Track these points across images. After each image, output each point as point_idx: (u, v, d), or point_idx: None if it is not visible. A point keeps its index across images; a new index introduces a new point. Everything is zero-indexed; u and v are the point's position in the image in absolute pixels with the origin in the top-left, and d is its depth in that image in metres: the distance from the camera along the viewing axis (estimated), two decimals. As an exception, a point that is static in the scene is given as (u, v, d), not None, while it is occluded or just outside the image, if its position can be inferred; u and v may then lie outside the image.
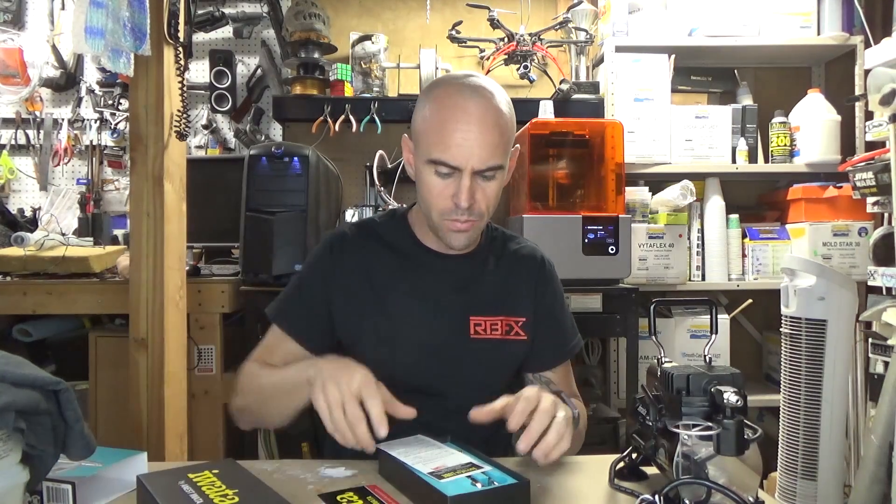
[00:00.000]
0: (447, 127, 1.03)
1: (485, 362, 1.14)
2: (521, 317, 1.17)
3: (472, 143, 1.03)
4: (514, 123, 1.10)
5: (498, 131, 1.05)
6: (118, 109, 2.63)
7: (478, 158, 1.03)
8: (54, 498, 0.80)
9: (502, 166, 1.08)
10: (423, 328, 1.13)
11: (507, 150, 1.08)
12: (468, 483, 0.80)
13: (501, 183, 1.10)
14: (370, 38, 2.58)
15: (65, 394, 0.73)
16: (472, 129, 1.03)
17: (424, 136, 1.06)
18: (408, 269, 1.16)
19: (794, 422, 1.76)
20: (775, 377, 2.41)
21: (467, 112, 1.03)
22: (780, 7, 2.45)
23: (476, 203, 1.06)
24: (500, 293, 1.17)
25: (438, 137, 1.04)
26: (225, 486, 0.79)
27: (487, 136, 1.03)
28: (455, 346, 1.13)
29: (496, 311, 1.15)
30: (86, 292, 2.01)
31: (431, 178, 1.06)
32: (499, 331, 1.15)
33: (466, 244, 1.12)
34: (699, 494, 0.76)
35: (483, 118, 1.03)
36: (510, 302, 1.17)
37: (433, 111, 1.06)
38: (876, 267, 1.91)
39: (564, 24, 2.53)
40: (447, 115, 1.04)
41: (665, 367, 0.86)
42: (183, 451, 1.74)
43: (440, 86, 1.09)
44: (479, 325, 1.14)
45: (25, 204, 2.65)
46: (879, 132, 1.93)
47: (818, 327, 1.73)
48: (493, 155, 1.04)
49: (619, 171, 2.14)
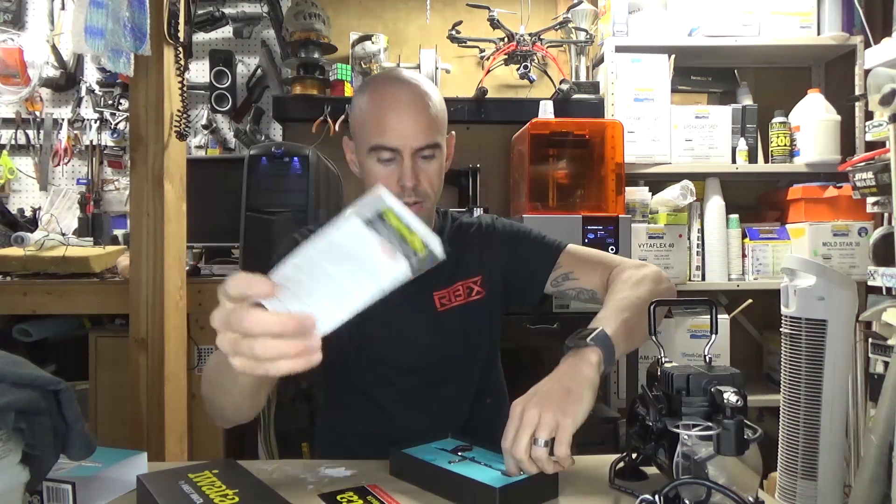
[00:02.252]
0: (382, 114, 1.10)
1: (457, 328, 1.19)
2: (476, 276, 1.23)
3: (407, 125, 1.09)
4: (445, 108, 1.16)
5: (428, 112, 1.11)
6: (118, 109, 2.63)
7: (414, 138, 1.09)
8: (54, 498, 0.80)
9: (439, 144, 1.13)
10: (394, 313, 1.15)
11: (440, 131, 1.14)
12: (499, 474, 0.84)
13: (441, 164, 1.16)
14: (370, 38, 2.58)
15: (65, 394, 0.73)
16: (406, 112, 1.09)
17: (362, 127, 1.12)
18: None
19: (794, 422, 1.76)
20: (775, 377, 2.41)
21: (398, 98, 1.10)
22: (780, 7, 2.45)
23: (420, 184, 1.11)
24: (452, 263, 1.22)
25: (375, 124, 1.10)
26: (225, 487, 0.79)
27: (420, 117, 1.10)
28: (427, 323, 1.18)
29: (453, 278, 1.21)
30: (86, 292, 2.01)
31: (375, 167, 1.12)
32: (461, 296, 1.21)
33: None
34: (699, 494, 0.76)
35: (414, 102, 1.10)
36: (462, 267, 1.23)
37: (367, 104, 1.12)
38: (876, 267, 1.91)
39: (564, 24, 2.53)
40: (380, 103, 1.10)
41: (665, 367, 0.86)
42: (183, 451, 1.74)
43: (370, 82, 1.16)
44: (444, 297, 1.20)
45: (25, 204, 2.65)
46: (879, 132, 1.93)
47: (818, 327, 1.73)
48: (427, 134, 1.10)
49: (619, 171, 2.15)
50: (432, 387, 1.18)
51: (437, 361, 1.19)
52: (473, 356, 1.22)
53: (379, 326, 1.16)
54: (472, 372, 1.21)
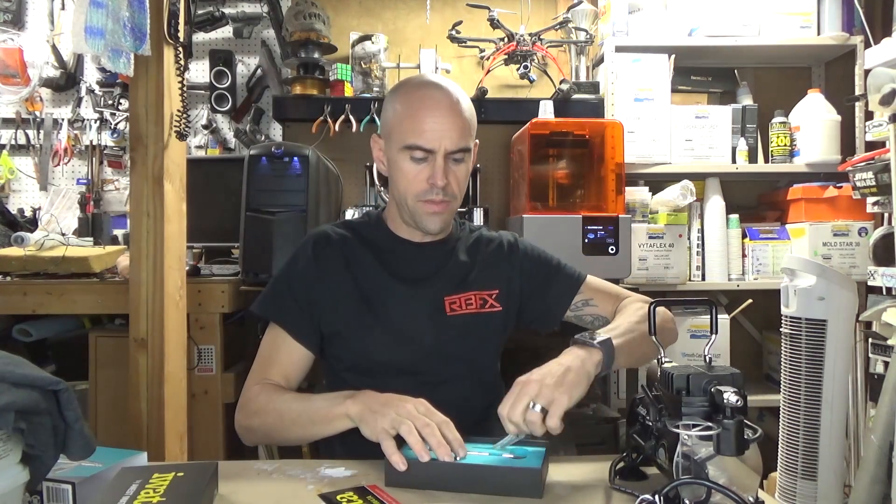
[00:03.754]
0: (419, 116, 1.14)
1: (464, 335, 1.21)
2: (494, 289, 1.25)
3: (444, 128, 1.14)
4: (475, 115, 1.21)
5: (463, 117, 1.17)
6: (118, 109, 2.63)
7: (449, 140, 1.14)
8: (54, 498, 0.80)
9: (469, 149, 1.19)
10: (403, 313, 1.20)
11: (471, 136, 1.19)
12: (512, 459, 0.92)
13: (469, 168, 1.21)
14: (370, 38, 2.58)
15: (65, 394, 0.73)
16: (443, 116, 1.14)
17: (398, 127, 1.16)
18: (385, 260, 1.24)
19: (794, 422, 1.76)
20: (775, 377, 2.41)
21: (436, 101, 1.15)
22: (780, 7, 2.45)
23: (449, 184, 1.16)
24: (470, 272, 1.25)
25: (412, 125, 1.14)
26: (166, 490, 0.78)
27: (455, 122, 1.15)
28: (434, 326, 1.20)
29: (468, 287, 1.24)
30: (86, 292, 2.01)
31: (406, 165, 1.16)
32: (473, 305, 1.23)
33: (441, 227, 1.21)
34: (699, 494, 0.76)
35: (450, 106, 1.15)
36: (480, 278, 1.25)
37: (403, 105, 1.17)
38: (876, 267, 1.91)
39: (564, 24, 2.53)
40: (418, 105, 1.15)
41: (665, 367, 0.86)
42: (183, 451, 1.74)
43: (405, 85, 1.21)
44: (455, 303, 1.22)
45: (25, 204, 2.65)
46: (879, 132, 1.93)
47: (818, 327, 1.72)
48: (462, 137, 1.16)
49: (619, 171, 2.15)
50: (429, 389, 1.16)
51: (438, 365, 1.20)
52: (475, 364, 1.23)
53: (385, 323, 1.19)
54: (471, 378, 1.22)
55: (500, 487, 0.86)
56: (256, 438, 1.21)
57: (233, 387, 2.09)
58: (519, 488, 0.86)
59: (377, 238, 1.27)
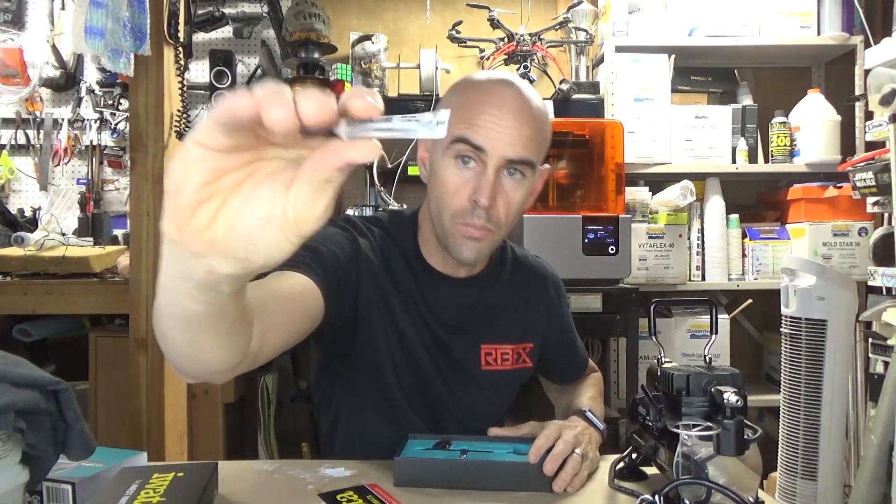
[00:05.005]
0: (477, 107, 0.92)
1: (493, 393, 1.11)
2: (530, 342, 1.13)
3: (504, 129, 0.91)
4: (550, 135, 0.99)
5: (533, 124, 0.93)
6: (118, 109, 2.63)
7: (509, 145, 0.91)
8: (54, 498, 0.80)
9: (533, 165, 0.95)
10: (434, 357, 1.06)
11: (539, 151, 0.96)
12: (517, 455, 0.92)
13: (527, 194, 0.97)
14: (370, 38, 2.58)
15: (65, 394, 0.73)
16: (506, 114, 0.91)
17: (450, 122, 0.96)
18: (416, 290, 1.04)
19: (794, 422, 1.76)
20: (775, 377, 2.41)
21: (503, 98, 0.92)
22: (780, 7, 2.45)
23: (495, 207, 0.93)
24: (512, 317, 1.11)
25: (467, 115, 0.92)
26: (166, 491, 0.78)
27: (523, 126, 0.92)
28: (465, 377, 1.08)
29: (508, 338, 1.10)
30: (86, 292, 2.01)
31: (449, 167, 0.94)
32: (509, 360, 1.11)
33: (475, 258, 1.00)
34: (699, 494, 0.76)
35: (521, 107, 0.92)
36: (522, 327, 1.12)
37: (462, 95, 0.95)
38: (876, 267, 1.91)
39: (564, 24, 2.53)
40: (481, 97, 0.93)
41: (665, 367, 0.86)
42: (183, 451, 1.74)
43: (472, 77, 1.00)
44: (490, 355, 1.09)
45: (25, 204, 2.65)
46: (879, 132, 1.93)
47: (818, 327, 1.72)
48: (525, 147, 0.92)
49: (619, 171, 2.14)
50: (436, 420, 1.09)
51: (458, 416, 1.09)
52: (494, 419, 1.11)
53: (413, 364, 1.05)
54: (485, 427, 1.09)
55: (511, 482, 0.87)
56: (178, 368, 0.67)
57: (233, 387, 2.08)
58: (531, 482, 0.87)
59: (409, 258, 1.05)
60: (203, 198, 0.42)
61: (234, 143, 0.41)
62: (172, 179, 0.41)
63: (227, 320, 0.54)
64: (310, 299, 0.85)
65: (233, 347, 0.58)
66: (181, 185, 0.41)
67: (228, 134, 0.40)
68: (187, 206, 0.42)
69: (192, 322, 0.52)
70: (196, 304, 0.49)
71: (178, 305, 0.50)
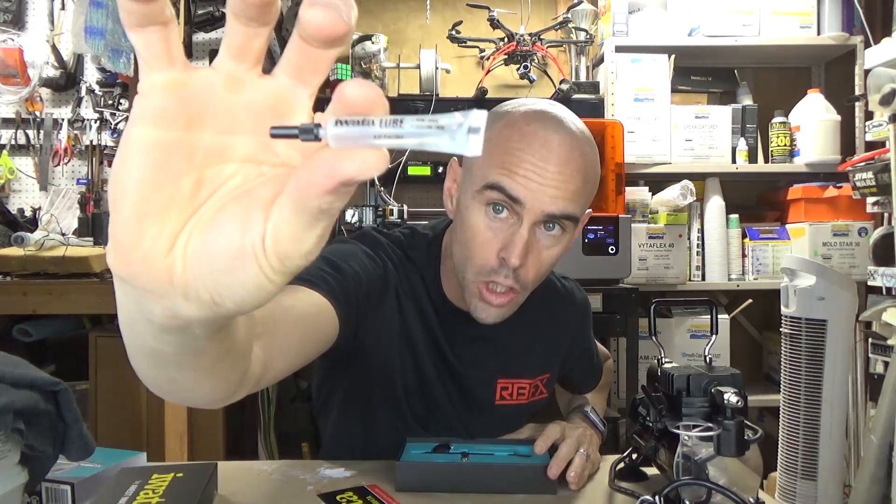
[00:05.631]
0: (518, 151, 0.82)
1: (504, 427, 1.07)
2: (548, 373, 1.09)
3: (548, 181, 0.81)
4: (598, 180, 0.88)
5: (583, 176, 0.83)
6: (118, 109, 2.63)
7: (550, 199, 0.81)
8: (53, 498, 0.80)
9: (576, 220, 0.85)
10: (448, 387, 1.02)
11: (587, 202, 0.87)
12: (519, 457, 0.92)
13: (564, 248, 0.88)
14: (370, 38, 2.57)
15: (64, 394, 0.73)
16: (552, 167, 0.81)
17: (484, 158, 0.83)
18: (434, 324, 0.99)
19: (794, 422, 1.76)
20: (775, 377, 2.41)
21: (549, 144, 0.82)
22: (780, 7, 2.45)
23: (525, 268, 0.84)
24: (532, 352, 1.06)
25: (503, 160, 0.82)
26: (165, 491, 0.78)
27: (569, 178, 0.82)
28: (478, 411, 1.05)
29: (526, 372, 1.06)
30: (86, 292, 2.01)
31: (479, 219, 0.84)
32: (525, 395, 1.06)
33: (495, 322, 0.91)
34: (699, 495, 0.76)
35: (570, 155, 0.82)
36: (542, 360, 1.07)
37: (503, 133, 0.85)
38: (876, 267, 1.91)
39: (564, 24, 2.53)
40: (521, 139, 0.83)
41: (665, 367, 0.86)
42: (183, 451, 1.74)
43: (518, 108, 0.88)
44: (506, 390, 1.05)
45: (25, 204, 2.65)
46: (879, 132, 1.93)
47: (818, 327, 1.72)
48: (568, 202, 0.82)
49: (619, 171, 2.14)
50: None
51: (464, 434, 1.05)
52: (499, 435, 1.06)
53: (427, 398, 1.02)
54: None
55: (514, 485, 0.87)
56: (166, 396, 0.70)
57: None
58: (534, 485, 0.87)
59: (430, 289, 0.99)
60: (152, 210, 0.31)
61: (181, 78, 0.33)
62: (113, 181, 0.32)
63: (207, 359, 0.43)
64: (326, 323, 0.79)
65: (220, 383, 0.47)
66: (123, 188, 0.31)
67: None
68: (131, 223, 0.31)
69: (162, 361, 0.41)
70: (165, 346, 0.39)
71: (143, 345, 0.40)
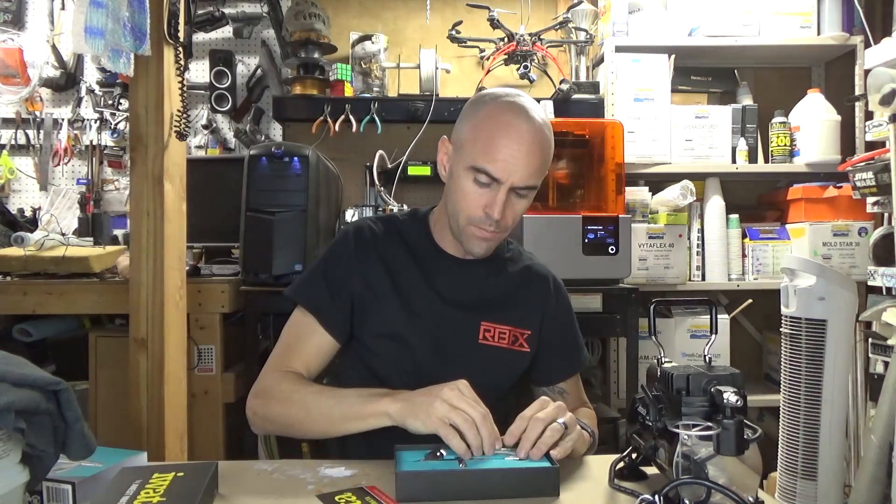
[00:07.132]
0: (497, 141, 1.09)
1: (489, 369, 1.18)
2: (527, 329, 1.22)
3: (519, 162, 1.09)
4: (553, 151, 1.16)
5: (542, 156, 1.12)
6: (118, 109, 2.63)
7: (520, 176, 1.10)
8: (54, 498, 0.80)
9: (536, 187, 1.15)
10: (435, 327, 1.17)
11: (544, 174, 1.15)
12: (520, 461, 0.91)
13: (528, 204, 1.17)
14: (370, 38, 2.58)
15: (65, 394, 0.73)
16: (522, 149, 1.09)
17: (471, 144, 1.11)
18: (425, 269, 1.20)
19: (794, 422, 1.76)
20: (775, 377, 2.41)
21: (520, 132, 1.09)
22: (780, 7, 2.45)
23: (504, 218, 1.12)
24: (510, 302, 1.22)
25: (486, 148, 1.09)
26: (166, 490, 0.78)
27: (533, 158, 1.10)
28: (463, 349, 1.17)
29: (505, 320, 1.21)
30: (86, 292, 2.01)
31: (468, 185, 1.11)
32: (506, 340, 1.20)
33: (485, 253, 1.18)
34: (699, 494, 0.76)
35: (533, 143, 1.10)
36: (519, 312, 1.22)
37: (484, 123, 1.11)
38: (876, 267, 1.91)
39: (564, 24, 2.53)
40: (500, 131, 1.09)
41: (665, 367, 0.86)
42: (183, 451, 1.74)
43: (493, 101, 1.14)
44: (489, 332, 1.19)
45: (25, 204, 2.65)
46: (879, 132, 1.93)
47: (818, 327, 1.72)
48: (533, 175, 1.11)
49: (619, 171, 2.15)
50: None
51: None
52: (495, 398, 1.09)
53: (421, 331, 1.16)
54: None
55: (517, 490, 0.86)
56: (273, 428, 1.17)
57: (233, 387, 2.09)
58: (538, 489, 0.86)
59: (420, 244, 1.23)
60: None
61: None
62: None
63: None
64: (329, 348, 1.17)
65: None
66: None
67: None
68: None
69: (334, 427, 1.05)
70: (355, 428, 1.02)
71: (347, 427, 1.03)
